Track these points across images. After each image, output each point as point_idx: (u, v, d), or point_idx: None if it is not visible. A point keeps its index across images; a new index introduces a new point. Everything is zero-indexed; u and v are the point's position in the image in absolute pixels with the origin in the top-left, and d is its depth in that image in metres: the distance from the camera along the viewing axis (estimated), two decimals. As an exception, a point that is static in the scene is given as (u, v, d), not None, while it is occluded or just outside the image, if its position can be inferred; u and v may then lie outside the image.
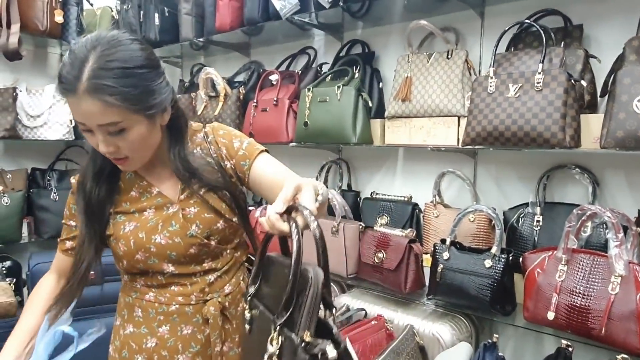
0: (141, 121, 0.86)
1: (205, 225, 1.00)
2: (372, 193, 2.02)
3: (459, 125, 1.67)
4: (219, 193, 1.01)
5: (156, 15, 2.42)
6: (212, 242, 1.01)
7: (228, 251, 1.06)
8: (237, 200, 1.03)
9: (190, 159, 0.98)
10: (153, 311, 1.01)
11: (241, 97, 2.25)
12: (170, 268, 1.00)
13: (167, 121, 0.95)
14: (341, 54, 2.10)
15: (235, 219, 1.03)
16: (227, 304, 1.04)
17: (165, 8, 2.45)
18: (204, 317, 1.01)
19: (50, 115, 2.42)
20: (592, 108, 1.47)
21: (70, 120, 2.45)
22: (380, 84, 1.98)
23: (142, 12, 2.48)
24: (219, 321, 1.01)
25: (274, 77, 2.19)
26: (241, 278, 1.10)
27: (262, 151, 1.05)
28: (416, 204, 1.91)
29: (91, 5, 2.55)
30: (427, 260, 1.73)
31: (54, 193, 2.45)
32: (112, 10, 2.59)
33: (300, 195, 0.74)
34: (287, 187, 0.74)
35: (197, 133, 1.05)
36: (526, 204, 1.62)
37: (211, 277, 1.03)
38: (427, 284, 1.69)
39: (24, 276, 2.28)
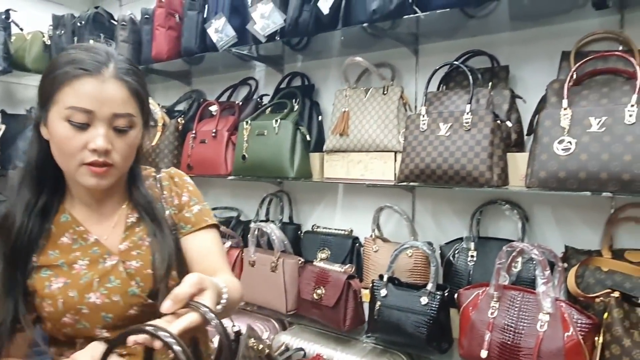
0: (140, 127, 0.85)
1: (147, 283, 0.86)
2: (312, 226, 1.99)
3: (395, 160, 1.67)
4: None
5: (91, 41, 2.33)
6: (157, 305, 0.88)
7: None
8: (180, 256, 0.90)
9: (149, 193, 0.91)
10: None
11: (180, 127, 2.19)
12: (103, 334, 0.84)
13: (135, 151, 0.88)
14: (281, 86, 2.08)
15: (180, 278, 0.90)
16: None
17: (102, 34, 2.37)
18: None
19: (-30, 144, 2.26)
20: (519, 146, 1.52)
21: (-6, 150, 2.30)
22: (320, 117, 1.98)
23: (75, 38, 2.38)
24: None
25: (213, 108, 2.14)
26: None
27: (211, 225, 0.94)
28: (356, 238, 1.89)
29: (21, 29, 2.42)
30: (366, 295, 1.70)
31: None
32: (43, 36, 2.47)
33: (200, 297, 0.65)
34: (185, 283, 0.64)
35: (149, 177, 0.98)
36: (461, 239, 1.63)
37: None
38: (366, 320, 1.67)
39: None
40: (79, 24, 2.36)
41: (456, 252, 1.62)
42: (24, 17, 2.42)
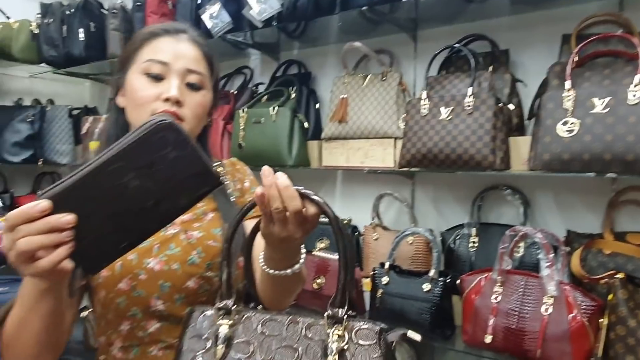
0: (209, 90, 0.89)
1: (208, 254, 0.84)
2: (311, 216, 1.96)
3: (395, 146, 1.66)
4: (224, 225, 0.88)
5: (81, 30, 2.28)
6: (215, 280, 0.84)
7: None
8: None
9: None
10: None
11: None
12: (158, 306, 0.81)
13: (208, 119, 0.94)
14: (277, 74, 2.05)
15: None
16: None
17: (91, 23, 2.31)
18: None
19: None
20: (520, 131, 1.51)
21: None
22: (317, 105, 1.95)
23: (65, 27, 2.32)
24: None
25: (208, 97, 2.10)
26: None
27: None
28: (355, 227, 1.88)
29: (7, 18, 2.35)
30: (367, 284, 1.69)
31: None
32: (31, 24, 2.40)
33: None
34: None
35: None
36: (462, 225, 1.62)
37: None
38: (367, 309, 1.65)
39: None
40: (67, 12, 2.30)
41: (457, 238, 1.61)
42: (11, 5, 2.35)
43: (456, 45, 1.52)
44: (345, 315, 0.55)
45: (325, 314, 0.56)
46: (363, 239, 1.83)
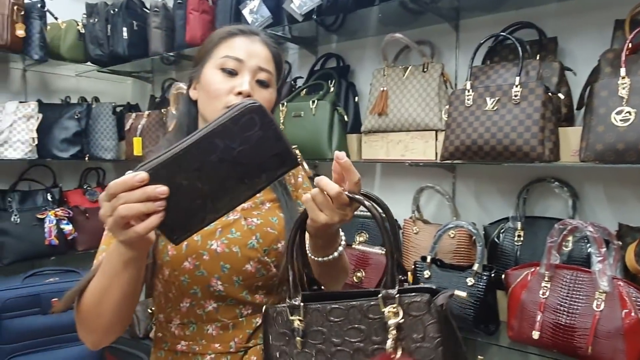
0: (274, 88, 0.95)
1: (266, 240, 0.90)
2: (350, 209, 1.96)
3: (436, 139, 1.63)
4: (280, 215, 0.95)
5: (124, 29, 2.34)
6: (272, 265, 0.90)
7: (285, 289, 0.88)
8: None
9: None
10: None
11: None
12: (218, 286, 0.87)
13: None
14: (316, 68, 2.05)
15: None
16: None
17: (134, 22, 2.37)
18: None
19: (11, 133, 2.29)
20: (569, 121, 1.46)
21: (33, 139, 2.33)
22: (356, 98, 1.95)
23: (109, 26, 2.39)
24: None
25: (247, 92, 2.13)
26: None
27: None
28: (395, 220, 1.86)
29: (56, 18, 2.44)
30: (407, 278, 1.67)
31: (15, 215, 2.31)
32: (77, 24, 2.49)
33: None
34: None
35: None
36: (506, 219, 1.58)
37: (259, 320, 0.88)
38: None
39: (-19, 305, 2.13)
40: (112, 12, 2.38)
41: (501, 232, 1.58)
42: (59, 6, 2.44)
43: (502, 33, 1.48)
44: (397, 294, 0.60)
45: (380, 295, 0.61)
46: (402, 232, 1.82)
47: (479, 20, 1.71)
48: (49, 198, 2.47)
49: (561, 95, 1.39)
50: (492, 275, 1.45)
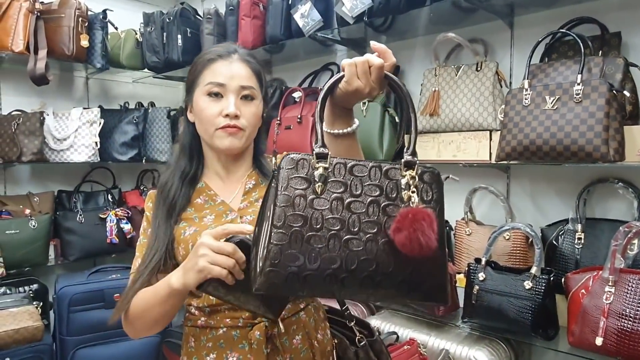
0: (259, 98, 1.05)
1: None
2: (400, 210, 1.96)
3: (490, 139, 1.60)
4: None
5: (179, 36, 2.44)
6: None
7: None
8: None
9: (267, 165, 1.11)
10: (204, 338, 0.99)
11: (263, 114, 2.23)
12: None
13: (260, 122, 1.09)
14: (365, 70, 2.06)
15: None
16: (277, 331, 0.97)
17: (188, 29, 2.46)
18: (249, 342, 0.95)
19: (76, 138, 2.44)
20: (634, 119, 1.40)
21: (96, 143, 2.47)
22: (406, 98, 1.93)
23: (165, 34, 2.49)
24: (263, 349, 0.94)
25: (297, 95, 2.17)
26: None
27: None
28: (446, 221, 1.84)
29: (116, 28, 2.57)
30: (460, 280, 1.65)
31: (80, 215, 2.46)
32: (135, 33, 2.61)
33: None
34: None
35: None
36: (566, 221, 1.53)
37: None
38: (461, 305, 1.62)
39: (50, 299, 2.28)
40: (167, 20, 2.48)
41: (560, 234, 1.53)
42: (118, 16, 2.57)
43: (561, 30, 1.43)
44: (417, 161, 0.73)
45: (402, 160, 0.73)
46: (454, 233, 1.80)
47: (534, 16, 1.66)
48: (110, 199, 2.61)
49: (626, 93, 1.33)
50: (551, 278, 1.41)
